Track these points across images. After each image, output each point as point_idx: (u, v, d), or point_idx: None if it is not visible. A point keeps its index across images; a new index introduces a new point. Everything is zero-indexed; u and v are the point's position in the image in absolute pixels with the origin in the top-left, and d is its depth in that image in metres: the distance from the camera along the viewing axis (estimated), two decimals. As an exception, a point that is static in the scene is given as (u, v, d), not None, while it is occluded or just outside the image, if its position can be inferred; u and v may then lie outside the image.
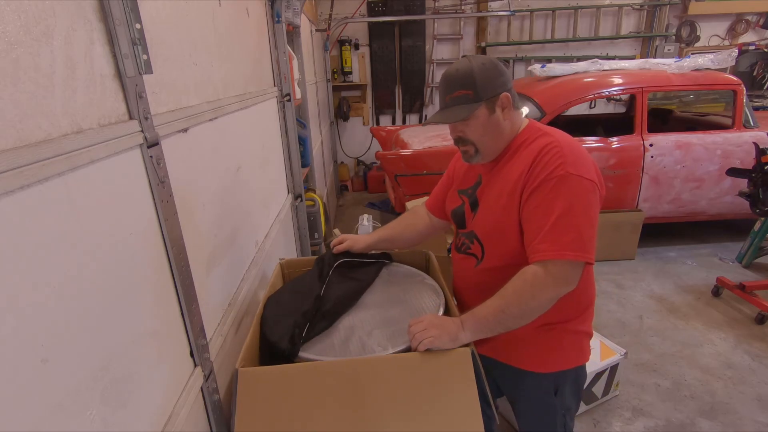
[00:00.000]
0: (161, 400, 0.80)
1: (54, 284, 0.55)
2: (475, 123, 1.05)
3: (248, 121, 1.55)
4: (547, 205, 0.96)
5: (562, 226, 0.93)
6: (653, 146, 3.30)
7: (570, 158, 0.97)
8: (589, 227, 0.95)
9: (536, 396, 1.19)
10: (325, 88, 5.08)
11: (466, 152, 1.11)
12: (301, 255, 2.38)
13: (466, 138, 1.08)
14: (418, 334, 0.98)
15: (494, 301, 0.99)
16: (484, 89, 1.02)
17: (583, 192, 0.95)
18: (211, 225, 1.12)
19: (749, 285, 2.78)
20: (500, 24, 5.49)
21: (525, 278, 0.97)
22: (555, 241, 0.93)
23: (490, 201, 1.11)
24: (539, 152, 1.00)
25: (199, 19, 1.12)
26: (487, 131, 1.06)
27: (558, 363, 1.15)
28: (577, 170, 0.96)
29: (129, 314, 0.71)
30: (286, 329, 1.07)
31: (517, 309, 0.96)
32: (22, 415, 0.49)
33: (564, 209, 0.94)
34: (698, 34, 5.53)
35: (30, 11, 0.54)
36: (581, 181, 0.96)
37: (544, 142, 1.02)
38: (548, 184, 0.96)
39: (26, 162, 0.50)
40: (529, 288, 0.96)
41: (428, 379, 0.95)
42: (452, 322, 1.00)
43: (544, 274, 0.94)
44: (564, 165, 0.96)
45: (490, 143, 1.08)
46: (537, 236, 0.96)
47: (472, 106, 1.03)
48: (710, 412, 2.04)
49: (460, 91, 1.03)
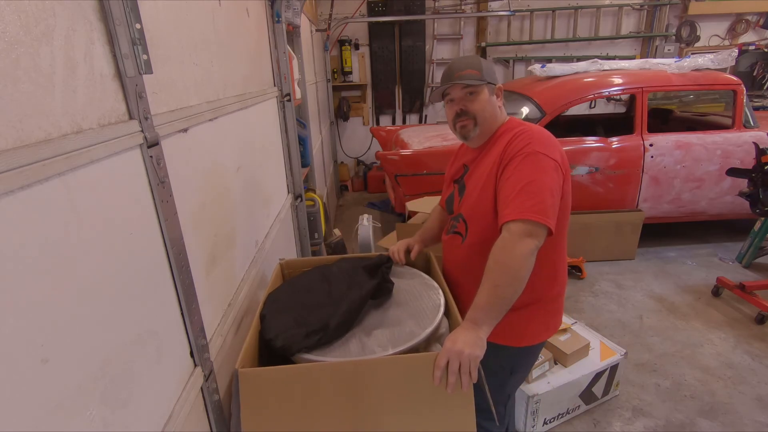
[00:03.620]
0: (161, 400, 0.80)
1: (54, 284, 0.55)
2: (478, 98, 1.19)
3: (248, 121, 1.55)
4: (515, 177, 1.08)
5: (525, 194, 1.05)
6: (653, 146, 3.30)
7: (537, 141, 1.12)
8: (550, 197, 1.05)
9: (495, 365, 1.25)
10: (325, 88, 5.08)
11: (465, 126, 1.22)
12: (301, 255, 2.38)
13: (469, 111, 1.20)
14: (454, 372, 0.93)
15: (484, 285, 1.03)
16: (488, 74, 1.19)
17: (546, 167, 1.08)
18: (211, 225, 1.12)
19: (749, 285, 2.78)
20: (500, 24, 5.49)
21: (496, 248, 1.04)
22: (518, 206, 1.05)
23: (473, 183, 1.25)
24: (512, 137, 1.16)
25: (199, 19, 1.12)
26: (486, 109, 1.21)
27: (528, 337, 1.26)
28: (544, 149, 1.10)
29: (129, 314, 0.71)
30: (282, 327, 1.07)
31: (504, 276, 1.01)
32: (22, 415, 0.49)
33: (528, 180, 1.06)
34: (698, 34, 5.53)
35: (30, 11, 0.54)
36: (545, 159, 1.09)
37: (518, 129, 1.18)
38: (517, 159, 1.10)
39: (26, 162, 0.50)
40: (501, 251, 1.03)
41: (427, 380, 0.95)
42: (467, 329, 0.98)
43: (509, 234, 1.03)
44: (531, 144, 1.11)
45: (488, 120, 1.22)
46: (505, 203, 1.08)
47: (480, 81, 1.17)
48: (710, 412, 2.04)
49: (469, 70, 1.17)
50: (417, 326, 1.09)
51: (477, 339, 0.96)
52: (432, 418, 0.97)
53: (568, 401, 1.99)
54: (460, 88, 1.19)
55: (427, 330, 1.07)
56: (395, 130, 4.57)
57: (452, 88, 1.20)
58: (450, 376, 0.93)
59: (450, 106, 1.24)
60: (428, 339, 1.07)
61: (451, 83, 1.19)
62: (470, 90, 1.18)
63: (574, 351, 2.02)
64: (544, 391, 1.88)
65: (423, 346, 1.06)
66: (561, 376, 1.96)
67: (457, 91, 1.20)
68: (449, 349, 0.94)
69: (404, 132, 4.20)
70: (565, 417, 2.01)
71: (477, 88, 1.18)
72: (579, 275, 3.29)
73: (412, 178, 3.36)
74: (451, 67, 1.21)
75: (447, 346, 0.95)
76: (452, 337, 0.98)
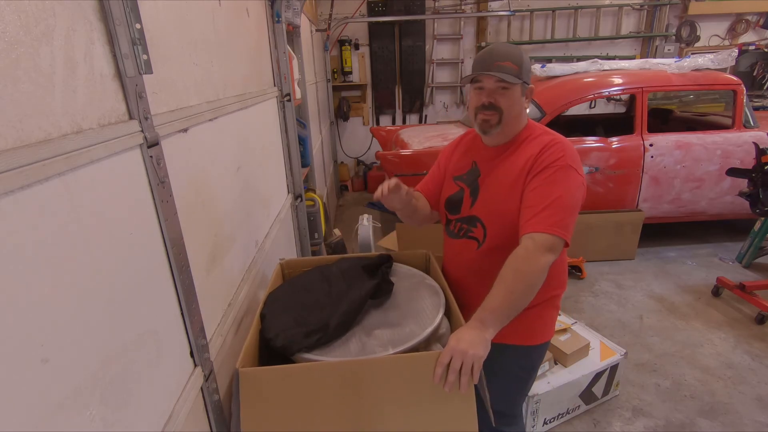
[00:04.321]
0: (161, 400, 0.80)
1: (54, 284, 0.55)
2: (511, 95, 1.15)
3: (248, 121, 1.55)
4: (546, 188, 1.10)
5: (554, 208, 1.07)
6: (653, 146, 3.30)
7: (570, 155, 1.13)
8: (573, 215, 1.10)
9: (513, 372, 1.31)
10: (325, 88, 5.08)
11: (488, 121, 1.17)
12: (301, 255, 2.38)
13: (498, 105, 1.15)
14: (455, 371, 0.92)
15: (498, 288, 1.03)
16: (526, 73, 1.15)
17: (576, 185, 1.11)
18: (211, 225, 1.11)
19: (749, 285, 2.78)
20: (500, 24, 5.49)
21: (517, 255, 1.05)
22: (546, 219, 1.06)
23: (494, 187, 1.21)
24: (546, 145, 1.15)
25: (199, 19, 1.12)
26: (515, 108, 1.17)
27: (539, 335, 1.29)
28: (576, 165, 1.13)
29: (129, 314, 0.71)
30: (282, 327, 1.07)
31: (521, 285, 1.02)
32: (22, 415, 0.49)
33: (558, 195, 1.08)
34: (698, 34, 5.53)
35: (30, 11, 0.54)
36: (576, 175, 1.12)
37: (549, 138, 1.17)
38: (551, 169, 1.11)
39: (26, 162, 0.50)
40: (523, 261, 1.04)
41: (427, 380, 0.95)
42: (473, 328, 0.97)
43: (533, 244, 1.04)
44: (565, 158, 1.12)
45: (513, 119, 1.18)
46: (533, 213, 1.08)
47: (517, 79, 1.12)
48: (710, 412, 2.04)
49: (510, 62, 1.12)
50: (417, 326, 1.09)
51: (482, 339, 0.95)
52: (432, 417, 0.97)
53: (568, 401, 1.99)
54: (495, 80, 1.13)
55: (427, 330, 1.07)
56: (395, 130, 4.57)
57: (487, 76, 1.14)
58: (450, 374, 0.92)
59: (477, 93, 1.18)
60: (428, 339, 1.07)
61: (488, 73, 1.12)
62: (504, 85, 1.13)
63: (574, 351, 2.02)
64: (544, 391, 1.88)
65: (423, 346, 1.06)
66: (561, 376, 1.96)
67: (490, 81, 1.14)
68: (453, 347, 0.93)
69: (404, 132, 4.20)
70: (565, 417, 2.01)
71: (512, 85, 1.13)
72: (579, 275, 3.29)
73: (412, 178, 3.35)
74: (490, 52, 1.13)
75: (451, 344, 0.94)
76: (457, 336, 0.96)
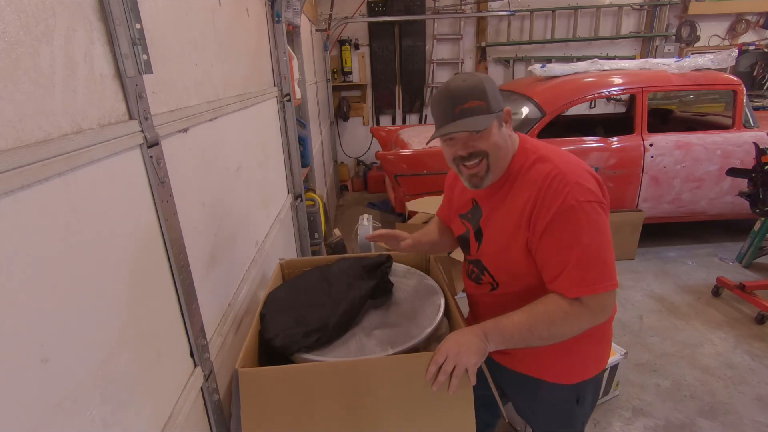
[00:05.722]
0: (161, 400, 0.80)
1: (54, 284, 0.55)
2: (489, 135, 0.98)
3: (248, 121, 1.55)
4: (566, 240, 0.93)
5: (587, 260, 0.92)
6: (653, 146, 3.30)
7: (574, 184, 0.94)
8: (609, 252, 0.94)
9: (558, 406, 1.17)
10: (325, 88, 5.08)
11: (476, 174, 1.02)
12: (301, 255, 2.38)
13: (481, 151, 0.99)
14: (446, 372, 0.91)
15: (522, 318, 0.95)
16: (494, 101, 0.97)
17: (595, 217, 0.93)
18: (211, 225, 1.11)
19: (749, 285, 2.77)
20: (500, 24, 5.49)
21: (560, 305, 0.94)
22: (584, 278, 0.92)
23: (494, 233, 1.08)
24: (542, 181, 0.97)
25: (199, 19, 1.12)
26: (500, 146, 1.00)
27: (581, 373, 1.13)
28: (585, 195, 0.94)
29: (129, 314, 0.71)
30: (282, 327, 1.07)
31: (546, 332, 0.94)
32: (22, 415, 0.49)
33: (584, 242, 0.92)
34: (698, 34, 5.53)
35: (30, 11, 0.54)
36: (590, 207, 0.93)
37: (544, 170, 0.98)
38: (562, 217, 0.93)
39: (26, 162, 0.50)
40: (563, 316, 0.93)
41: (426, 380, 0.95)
42: (475, 335, 0.94)
43: (580, 306, 0.93)
44: (571, 193, 0.93)
45: (501, 158, 1.02)
46: (561, 272, 0.94)
47: (488, 116, 0.96)
48: (710, 412, 2.04)
49: (473, 102, 0.95)
50: (417, 326, 1.09)
51: (479, 348, 0.93)
52: (432, 418, 0.97)
53: (568, 401, 1.99)
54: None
55: (426, 330, 1.07)
56: (395, 130, 4.58)
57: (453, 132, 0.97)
58: (441, 375, 0.91)
59: (449, 145, 1.02)
60: (428, 339, 1.07)
61: (453, 131, 0.95)
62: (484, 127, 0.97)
63: (574, 351, 2.02)
64: (544, 391, 1.88)
65: (423, 346, 1.06)
66: (561, 376, 1.96)
67: (460, 132, 0.97)
68: (448, 349, 0.92)
69: (404, 132, 4.20)
70: (565, 417, 2.01)
71: (489, 125, 0.96)
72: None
73: (412, 178, 3.36)
74: (448, 96, 0.97)
75: (447, 346, 0.93)
76: (456, 338, 0.94)
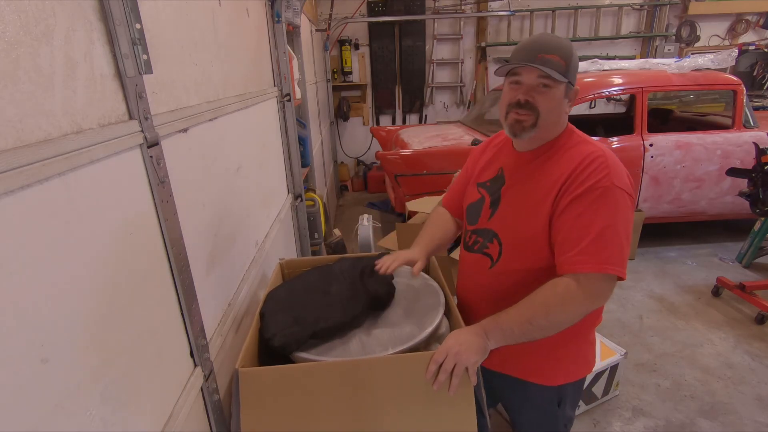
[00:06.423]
0: (161, 400, 0.80)
1: (54, 284, 0.55)
2: (553, 95, 0.97)
3: (248, 121, 1.55)
4: (589, 216, 0.92)
5: (604, 240, 0.91)
6: (653, 146, 3.30)
7: (615, 171, 0.94)
8: (627, 243, 0.93)
9: (541, 407, 1.18)
10: (325, 88, 5.08)
11: (521, 122, 0.99)
12: (301, 255, 2.38)
13: (535, 105, 0.97)
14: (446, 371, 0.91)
15: (520, 311, 0.94)
16: (573, 70, 0.98)
17: (624, 207, 0.93)
18: (211, 225, 1.11)
19: (749, 285, 2.78)
20: (500, 24, 5.49)
21: (555, 290, 0.93)
22: (595, 254, 0.90)
23: (517, 201, 1.05)
24: (583, 159, 0.96)
25: (199, 19, 1.12)
26: (554, 111, 0.99)
27: (566, 375, 1.13)
28: (622, 183, 0.94)
29: (129, 314, 0.71)
30: (281, 326, 1.07)
31: (545, 320, 0.93)
32: (22, 415, 0.49)
33: (607, 223, 0.91)
34: (698, 34, 5.53)
35: (30, 11, 0.54)
36: (623, 196, 0.93)
37: (587, 150, 0.98)
38: (593, 193, 0.92)
39: (26, 162, 0.50)
40: (559, 300, 0.92)
41: (427, 380, 0.95)
42: (475, 334, 0.94)
43: (577, 287, 0.91)
44: (609, 176, 0.93)
45: (551, 122, 1.01)
46: (575, 247, 0.92)
47: (563, 78, 0.95)
48: (710, 412, 2.04)
49: (557, 56, 0.94)
50: (417, 326, 1.09)
51: (480, 347, 0.93)
52: (432, 417, 0.97)
53: (568, 401, 1.99)
54: (537, 75, 0.95)
55: (427, 330, 1.07)
56: (395, 130, 4.58)
57: (528, 69, 0.96)
58: (441, 374, 0.91)
59: (512, 88, 1.00)
60: (428, 339, 1.07)
61: (529, 65, 0.94)
62: (547, 82, 0.96)
63: (574, 351, 2.02)
64: (544, 391, 1.88)
65: (423, 346, 1.06)
66: (561, 376, 1.96)
67: (531, 75, 0.96)
68: (449, 348, 0.92)
69: (404, 132, 4.20)
70: (565, 417, 2.01)
71: (555, 83, 0.96)
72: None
73: (412, 178, 3.36)
74: (535, 42, 0.97)
75: (448, 344, 0.93)
76: (456, 337, 0.94)
